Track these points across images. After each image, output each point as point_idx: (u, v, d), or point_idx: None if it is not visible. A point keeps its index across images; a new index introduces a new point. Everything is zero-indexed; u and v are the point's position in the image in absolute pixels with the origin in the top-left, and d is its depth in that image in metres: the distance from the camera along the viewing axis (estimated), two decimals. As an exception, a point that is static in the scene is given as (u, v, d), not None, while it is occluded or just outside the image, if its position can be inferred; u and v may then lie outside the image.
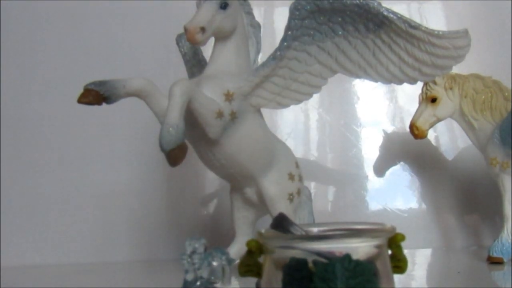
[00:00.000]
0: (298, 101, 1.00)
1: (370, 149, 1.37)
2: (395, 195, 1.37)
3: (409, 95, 1.26)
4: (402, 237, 0.57)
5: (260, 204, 1.03)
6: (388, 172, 1.37)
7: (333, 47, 0.95)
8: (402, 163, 1.37)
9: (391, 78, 0.95)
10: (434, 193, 1.36)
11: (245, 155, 0.98)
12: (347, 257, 0.52)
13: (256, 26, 1.05)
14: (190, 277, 0.63)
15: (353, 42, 0.93)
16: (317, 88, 0.99)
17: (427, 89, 1.13)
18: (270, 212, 1.02)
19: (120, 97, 0.91)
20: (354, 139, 1.37)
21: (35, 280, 1.15)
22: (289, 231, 0.57)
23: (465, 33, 0.90)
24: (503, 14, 1.37)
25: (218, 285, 0.63)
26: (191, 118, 0.90)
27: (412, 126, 1.13)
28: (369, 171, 1.37)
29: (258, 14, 1.14)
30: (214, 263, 0.63)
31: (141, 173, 1.34)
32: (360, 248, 0.54)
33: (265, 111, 1.02)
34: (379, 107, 1.39)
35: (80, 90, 0.89)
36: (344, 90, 1.38)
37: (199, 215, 1.34)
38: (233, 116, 0.94)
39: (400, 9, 1.05)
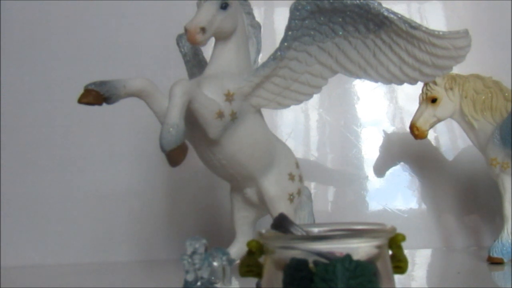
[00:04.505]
0: (298, 102, 1.00)
1: (370, 149, 1.37)
2: (395, 195, 1.37)
3: (409, 95, 1.26)
4: (403, 238, 0.57)
5: (261, 204, 1.03)
6: (388, 172, 1.37)
7: (334, 48, 0.95)
8: (402, 163, 1.37)
9: (391, 79, 0.95)
10: (434, 193, 1.36)
11: (246, 155, 0.98)
12: (347, 258, 0.52)
13: (257, 27, 1.05)
14: (190, 277, 0.63)
15: (354, 43, 0.93)
16: (317, 88, 0.99)
17: (427, 89, 1.13)
18: (270, 212, 1.02)
19: (121, 97, 0.91)
20: (354, 139, 1.37)
21: (35, 280, 1.15)
22: (289, 231, 0.56)
23: (465, 34, 0.89)
24: (503, 14, 1.37)
25: (218, 285, 0.64)
26: (191, 118, 0.90)
27: (412, 127, 1.13)
28: (369, 171, 1.37)
29: (258, 14, 1.14)
30: (215, 264, 0.63)
31: (141, 173, 1.34)
32: (360, 249, 0.54)
33: (265, 111, 1.02)
34: (379, 107, 1.39)
35: (80, 90, 0.89)
36: (344, 91, 1.38)
37: (199, 215, 1.34)
38: (234, 117, 0.94)
39: (400, 9, 1.05)
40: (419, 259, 1.22)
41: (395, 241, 0.57)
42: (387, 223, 0.58)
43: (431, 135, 1.25)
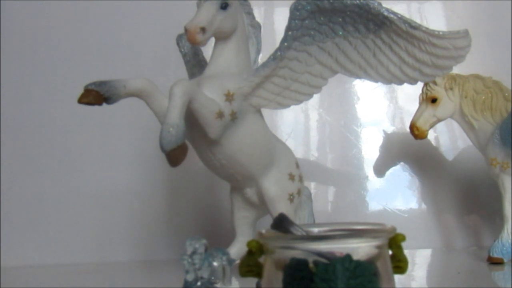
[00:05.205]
0: (298, 102, 1.00)
1: (370, 149, 1.37)
2: (395, 195, 1.37)
3: (409, 95, 1.26)
4: (403, 238, 0.57)
5: (261, 204, 1.03)
6: (388, 172, 1.37)
7: (334, 48, 0.94)
8: (402, 163, 1.37)
9: (391, 79, 0.94)
10: (434, 193, 1.36)
11: (246, 155, 0.98)
12: (347, 258, 0.52)
13: (257, 26, 1.05)
14: (190, 277, 0.63)
15: (354, 43, 0.93)
16: (317, 88, 0.99)
17: (427, 89, 1.13)
18: (270, 212, 1.02)
19: (121, 97, 0.91)
20: (354, 139, 1.37)
21: (35, 280, 1.16)
22: (289, 231, 0.56)
23: (465, 34, 0.89)
24: (503, 14, 1.37)
25: (218, 285, 0.64)
26: (191, 118, 0.90)
27: (412, 127, 1.13)
28: (369, 171, 1.37)
29: (258, 14, 1.14)
30: (215, 264, 0.63)
31: (141, 173, 1.34)
32: (360, 249, 0.54)
33: (265, 111, 1.02)
34: (379, 107, 1.39)
35: (80, 90, 0.89)
36: (344, 91, 1.38)
37: (199, 215, 1.34)
38: (234, 116, 0.94)
39: (400, 9, 1.05)
40: (419, 259, 1.22)
41: (395, 241, 0.57)
42: (387, 223, 0.58)
43: (431, 135, 1.25)
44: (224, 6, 0.94)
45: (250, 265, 0.59)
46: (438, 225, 1.35)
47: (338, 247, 0.53)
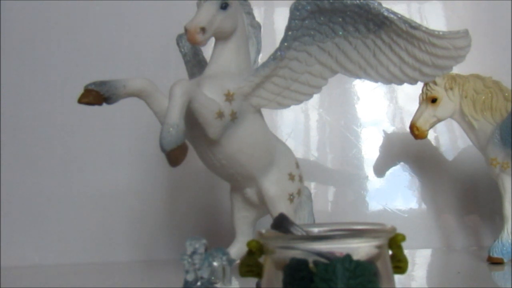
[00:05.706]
0: (298, 101, 1.00)
1: (370, 149, 1.37)
2: (395, 195, 1.37)
3: (409, 95, 1.26)
4: (403, 238, 0.57)
5: (261, 204, 1.03)
6: (388, 172, 1.37)
7: (334, 48, 0.94)
8: (402, 163, 1.37)
9: (391, 79, 0.94)
10: (434, 193, 1.36)
11: (246, 155, 0.98)
12: (347, 258, 0.52)
13: (257, 26, 1.05)
14: (190, 277, 0.63)
15: (354, 43, 0.93)
16: (317, 88, 0.99)
17: (427, 89, 1.13)
18: (270, 212, 1.02)
19: (121, 97, 0.91)
20: (354, 139, 1.37)
21: (35, 280, 1.16)
22: (289, 231, 0.56)
23: (465, 34, 0.89)
24: (503, 14, 1.37)
25: (218, 285, 0.64)
26: (191, 118, 0.90)
27: (412, 127, 1.13)
28: (369, 171, 1.37)
29: (258, 14, 1.14)
30: (215, 263, 0.63)
31: (141, 173, 1.34)
32: (360, 249, 0.54)
33: (265, 111, 1.02)
34: (379, 107, 1.39)
35: (80, 90, 0.89)
36: (344, 91, 1.38)
37: (199, 215, 1.34)
38: (234, 116, 0.94)
39: (400, 9, 1.05)
40: (419, 259, 1.22)
41: (395, 241, 0.57)
42: (387, 223, 0.58)
43: (431, 135, 1.25)
44: (224, 6, 0.94)
45: (250, 265, 0.59)
46: (438, 225, 1.34)
47: (338, 247, 0.53)
